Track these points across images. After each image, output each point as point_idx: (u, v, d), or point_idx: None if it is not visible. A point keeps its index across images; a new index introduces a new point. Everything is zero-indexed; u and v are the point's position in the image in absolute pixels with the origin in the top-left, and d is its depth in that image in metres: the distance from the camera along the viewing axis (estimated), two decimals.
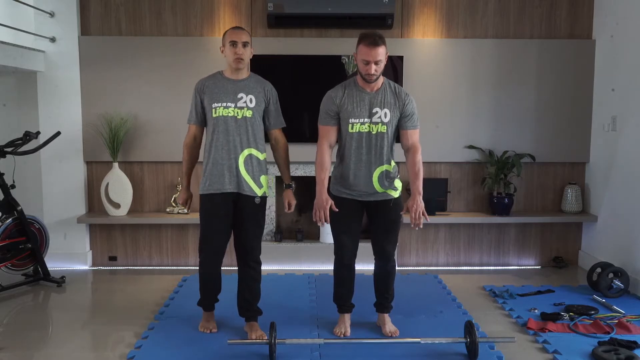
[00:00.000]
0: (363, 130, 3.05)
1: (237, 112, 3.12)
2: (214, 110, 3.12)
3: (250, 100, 3.15)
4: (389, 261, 3.25)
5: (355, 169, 3.09)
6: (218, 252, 3.23)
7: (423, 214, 3.00)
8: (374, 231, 3.23)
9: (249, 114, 3.14)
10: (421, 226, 3.02)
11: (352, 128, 3.05)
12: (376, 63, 2.94)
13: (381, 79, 3.08)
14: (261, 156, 3.22)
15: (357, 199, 3.14)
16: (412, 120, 3.09)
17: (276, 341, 2.90)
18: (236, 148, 3.12)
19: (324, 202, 3.05)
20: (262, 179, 3.22)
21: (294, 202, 3.35)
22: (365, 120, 3.04)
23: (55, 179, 4.63)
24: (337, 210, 3.08)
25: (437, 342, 3.00)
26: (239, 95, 3.13)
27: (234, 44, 3.07)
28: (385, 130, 3.05)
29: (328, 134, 3.12)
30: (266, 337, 3.02)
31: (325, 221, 3.06)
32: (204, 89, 3.15)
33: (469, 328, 3.00)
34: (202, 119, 3.20)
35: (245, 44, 3.10)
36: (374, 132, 3.04)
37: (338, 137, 3.16)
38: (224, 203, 3.15)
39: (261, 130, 3.24)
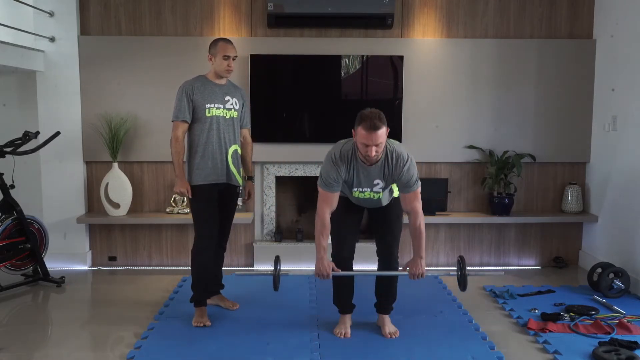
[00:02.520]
0: (363, 197, 3.11)
1: (226, 113, 3.47)
2: (207, 110, 3.41)
3: (235, 103, 3.52)
4: (392, 261, 3.24)
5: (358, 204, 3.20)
6: (214, 237, 3.48)
7: (422, 276, 3.06)
8: (375, 230, 3.24)
9: (235, 114, 3.52)
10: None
11: (353, 194, 3.12)
12: (376, 145, 2.86)
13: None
14: (239, 151, 3.60)
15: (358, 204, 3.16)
16: (409, 186, 3.02)
17: (280, 272, 3.14)
18: (226, 144, 3.47)
19: (326, 268, 3.04)
20: (240, 171, 3.61)
21: (253, 193, 3.88)
22: (366, 189, 3.08)
23: (55, 179, 4.62)
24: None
25: (429, 274, 3.15)
26: (226, 98, 3.47)
27: (227, 57, 3.40)
28: (382, 195, 3.11)
29: (331, 200, 3.04)
30: (238, 305, 3.68)
31: (327, 278, 3.08)
32: (194, 90, 3.40)
33: (461, 262, 3.13)
34: (190, 117, 3.43)
35: (234, 58, 3.44)
36: (375, 198, 3.11)
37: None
38: (216, 192, 3.47)
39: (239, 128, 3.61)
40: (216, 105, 3.41)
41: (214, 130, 3.41)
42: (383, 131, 2.85)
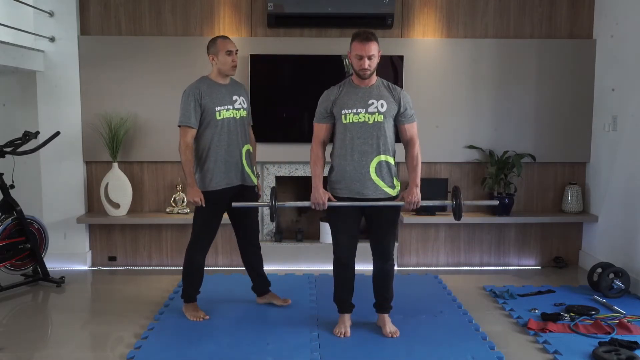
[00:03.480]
0: (357, 121, 3.09)
1: (236, 113, 3.42)
2: (217, 113, 3.35)
3: (243, 101, 3.48)
4: (388, 261, 3.25)
5: (352, 159, 3.11)
6: (211, 241, 3.52)
7: (417, 204, 3.14)
8: (372, 230, 3.24)
9: (244, 114, 3.49)
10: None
11: (345, 119, 3.10)
12: (369, 58, 3.04)
13: (375, 77, 3.17)
14: (251, 149, 3.57)
15: (354, 196, 3.14)
16: (407, 115, 3.17)
17: (276, 203, 3.18)
18: (239, 145, 3.42)
19: (322, 196, 3.11)
20: (254, 169, 3.58)
21: (262, 189, 3.82)
22: (360, 110, 3.09)
23: (55, 179, 4.62)
24: (335, 199, 3.15)
25: (424, 204, 3.16)
26: (234, 98, 3.42)
27: (230, 53, 3.35)
28: (382, 120, 3.09)
29: (322, 131, 3.20)
30: (290, 301, 3.69)
31: (323, 207, 3.13)
32: (202, 93, 3.34)
33: (456, 192, 3.21)
34: (198, 122, 3.37)
35: (236, 52, 3.40)
36: (370, 122, 3.09)
37: (333, 136, 3.21)
38: (228, 197, 3.40)
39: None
40: (226, 107, 3.37)
41: (225, 134, 3.36)
42: (376, 46, 3.05)
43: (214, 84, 3.39)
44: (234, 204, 3.30)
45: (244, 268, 4.72)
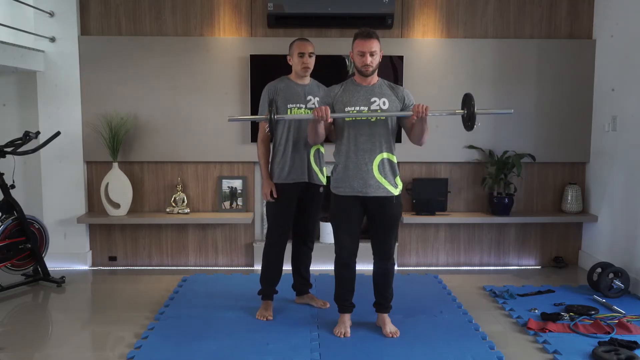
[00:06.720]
0: (359, 118, 3.11)
1: (308, 112, 3.44)
2: (289, 110, 3.45)
3: (317, 102, 3.50)
4: (389, 260, 3.26)
5: (355, 157, 3.12)
6: (284, 235, 3.56)
7: (426, 111, 3.00)
8: (373, 230, 3.25)
9: None
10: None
11: (349, 114, 3.12)
12: (371, 54, 3.09)
13: (377, 77, 3.20)
14: (322, 150, 3.58)
15: (357, 195, 3.15)
16: (411, 103, 3.19)
17: (276, 116, 3.22)
18: (308, 143, 3.43)
19: (322, 110, 3.05)
20: (324, 170, 3.59)
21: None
22: (362, 108, 3.11)
23: (55, 179, 4.63)
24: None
25: (437, 114, 3.19)
26: (308, 98, 3.50)
27: (302, 55, 3.45)
28: (385, 118, 3.11)
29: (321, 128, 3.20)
30: (329, 305, 3.65)
31: (326, 119, 3.09)
32: (277, 91, 3.48)
33: (467, 99, 3.11)
34: None
35: (311, 55, 3.47)
36: (372, 119, 3.11)
37: (335, 133, 3.23)
38: (297, 191, 3.50)
39: None
40: (298, 105, 3.46)
41: (295, 130, 3.43)
42: (377, 43, 3.10)
43: (291, 83, 3.51)
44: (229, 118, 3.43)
45: (244, 268, 4.76)
